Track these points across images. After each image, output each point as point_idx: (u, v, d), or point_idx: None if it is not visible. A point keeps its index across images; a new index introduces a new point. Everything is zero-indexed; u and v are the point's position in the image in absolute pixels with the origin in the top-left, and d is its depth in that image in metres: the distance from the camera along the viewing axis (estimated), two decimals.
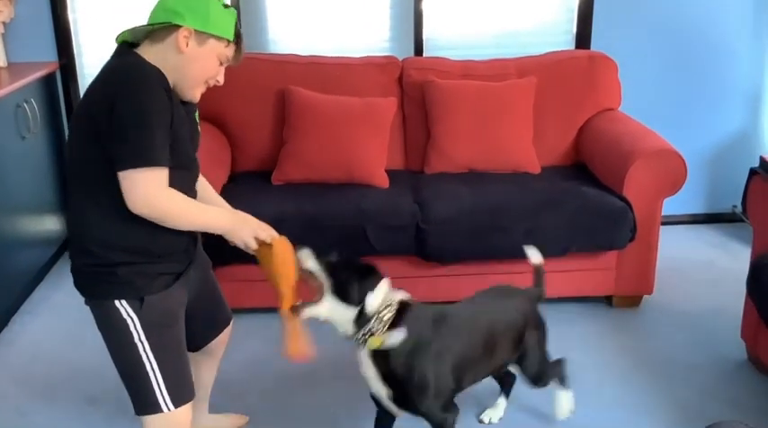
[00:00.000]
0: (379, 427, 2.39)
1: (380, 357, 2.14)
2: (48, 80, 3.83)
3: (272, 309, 3.24)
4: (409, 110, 3.79)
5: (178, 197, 1.91)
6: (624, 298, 3.45)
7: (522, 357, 2.45)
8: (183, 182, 1.99)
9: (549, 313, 3.36)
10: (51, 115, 3.88)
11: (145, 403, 1.98)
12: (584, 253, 3.31)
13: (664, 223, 3.40)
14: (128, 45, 1.97)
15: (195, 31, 1.91)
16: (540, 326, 2.53)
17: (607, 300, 3.49)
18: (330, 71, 3.77)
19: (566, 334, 3.25)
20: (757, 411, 2.73)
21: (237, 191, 3.41)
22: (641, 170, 3.24)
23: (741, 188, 3.05)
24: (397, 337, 2.11)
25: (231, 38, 1.97)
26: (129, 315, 1.94)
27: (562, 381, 2.63)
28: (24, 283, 3.53)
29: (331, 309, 2.12)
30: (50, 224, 3.81)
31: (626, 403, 2.79)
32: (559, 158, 3.79)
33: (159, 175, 1.85)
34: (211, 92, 3.62)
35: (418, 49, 4.14)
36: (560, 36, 4.19)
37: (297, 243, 2.16)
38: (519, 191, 3.39)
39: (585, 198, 3.30)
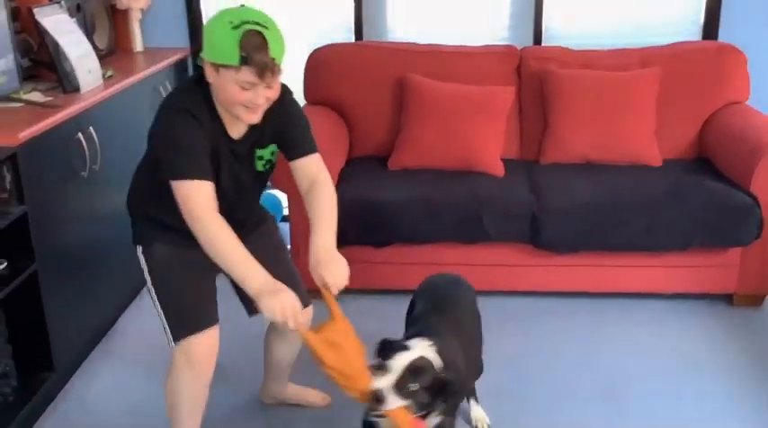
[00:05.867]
0: None
1: None
2: (180, 65, 4.03)
3: (385, 291, 3.37)
4: (526, 99, 3.78)
5: (219, 229, 1.98)
6: (746, 297, 3.34)
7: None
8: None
9: (666, 308, 3.34)
10: None
11: (165, 335, 2.23)
12: (707, 248, 3.22)
13: None
14: None
15: (210, 62, 1.95)
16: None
17: (727, 298, 3.38)
18: (448, 59, 3.80)
19: (684, 331, 3.19)
20: None
21: (354, 175, 3.51)
22: None
23: None
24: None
25: (235, 63, 1.89)
26: (142, 261, 2.24)
27: (471, 393, 2.58)
28: None
29: None
30: None
31: (743, 403, 2.72)
32: (682, 151, 3.69)
33: (194, 188, 1.98)
34: (332, 78, 3.79)
35: (537, 39, 4.11)
36: (686, 27, 4.06)
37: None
38: (639, 183, 3.33)
39: (710, 192, 3.22)
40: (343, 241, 3.26)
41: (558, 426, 2.62)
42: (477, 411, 2.60)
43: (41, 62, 3.15)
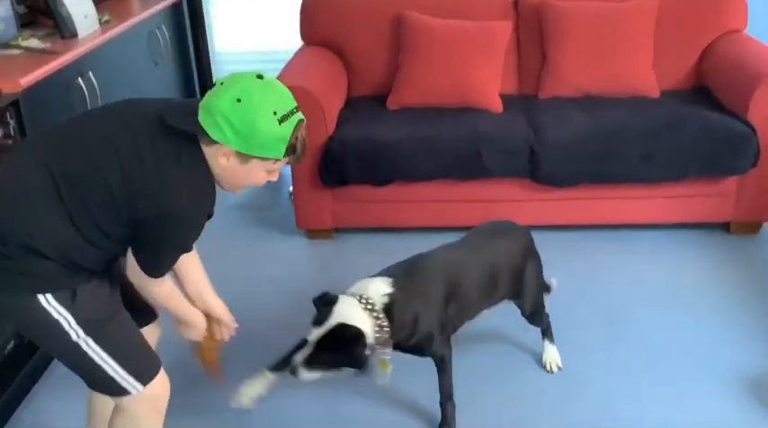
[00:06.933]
0: None
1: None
2: (175, 8, 4.01)
3: (385, 229, 3.43)
4: (524, 33, 3.76)
5: (167, 285, 1.91)
6: (743, 225, 3.39)
7: (520, 293, 2.47)
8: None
9: (664, 239, 3.39)
10: (179, 42, 4.08)
11: (113, 390, 1.88)
12: (703, 178, 3.25)
13: None
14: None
15: (236, 151, 1.69)
16: (536, 259, 2.53)
17: (725, 227, 3.43)
18: None
19: (681, 260, 3.24)
20: None
21: (353, 115, 3.52)
22: None
23: None
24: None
25: (280, 156, 1.72)
26: (60, 314, 1.76)
27: (546, 334, 2.63)
28: None
29: None
30: None
31: (740, 328, 2.78)
32: (680, 82, 3.69)
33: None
34: (328, 18, 3.77)
35: None
36: None
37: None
38: (636, 115, 3.34)
39: (707, 122, 3.23)
40: (344, 180, 3.34)
41: (559, 353, 2.69)
42: (550, 351, 2.63)
43: (38, 8, 3.15)
